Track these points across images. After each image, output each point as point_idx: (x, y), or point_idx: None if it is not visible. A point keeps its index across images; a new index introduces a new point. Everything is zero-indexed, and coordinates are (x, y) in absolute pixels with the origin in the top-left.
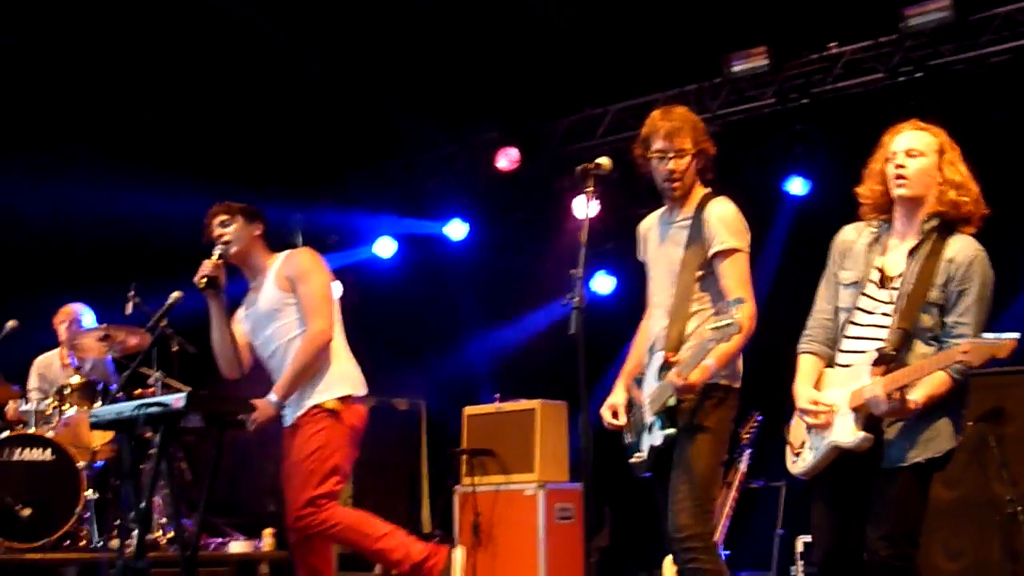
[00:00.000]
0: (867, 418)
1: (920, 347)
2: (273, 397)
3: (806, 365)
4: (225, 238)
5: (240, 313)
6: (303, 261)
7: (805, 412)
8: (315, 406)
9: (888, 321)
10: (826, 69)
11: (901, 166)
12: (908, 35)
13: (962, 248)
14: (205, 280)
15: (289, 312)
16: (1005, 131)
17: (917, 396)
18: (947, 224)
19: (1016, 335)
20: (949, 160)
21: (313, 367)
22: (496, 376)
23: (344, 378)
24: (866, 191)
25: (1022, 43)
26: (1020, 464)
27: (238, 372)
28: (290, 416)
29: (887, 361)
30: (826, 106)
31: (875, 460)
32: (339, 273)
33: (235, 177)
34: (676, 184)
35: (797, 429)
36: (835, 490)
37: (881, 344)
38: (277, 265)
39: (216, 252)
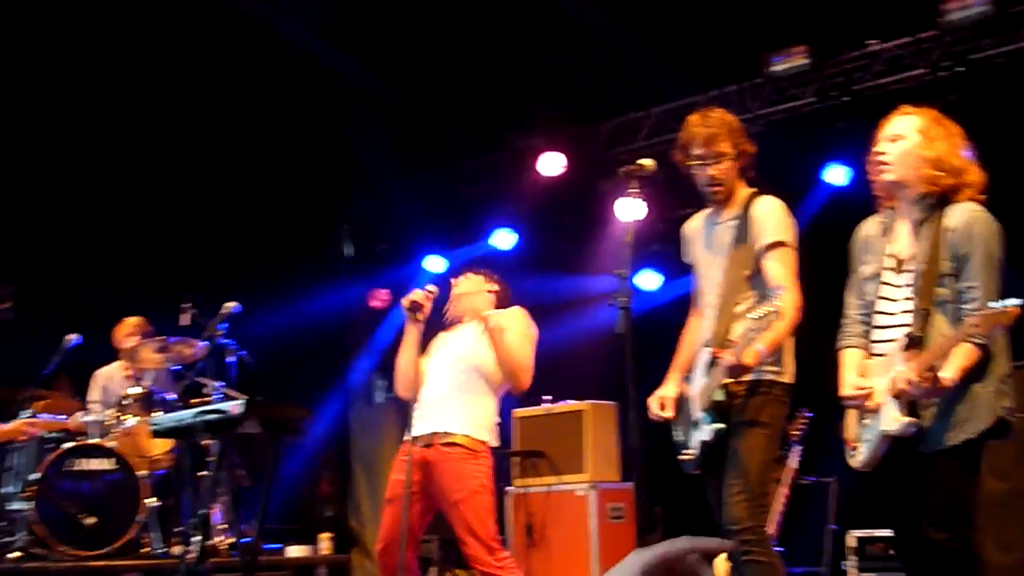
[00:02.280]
0: (908, 404)
1: (941, 321)
2: None
3: (848, 358)
4: (456, 289)
5: (438, 346)
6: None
7: (850, 398)
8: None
9: (911, 304)
10: (866, 66)
11: (880, 152)
12: (948, 30)
13: (958, 215)
14: (410, 303)
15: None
16: None
17: (949, 372)
18: (940, 199)
19: (1019, 301)
20: (929, 138)
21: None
22: (544, 378)
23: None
24: (871, 178)
25: None
26: None
27: (413, 395)
28: None
29: (917, 344)
30: (867, 103)
31: (917, 444)
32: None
33: (291, 191)
34: (718, 189)
35: (850, 425)
36: (895, 478)
37: (908, 328)
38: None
39: (430, 286)
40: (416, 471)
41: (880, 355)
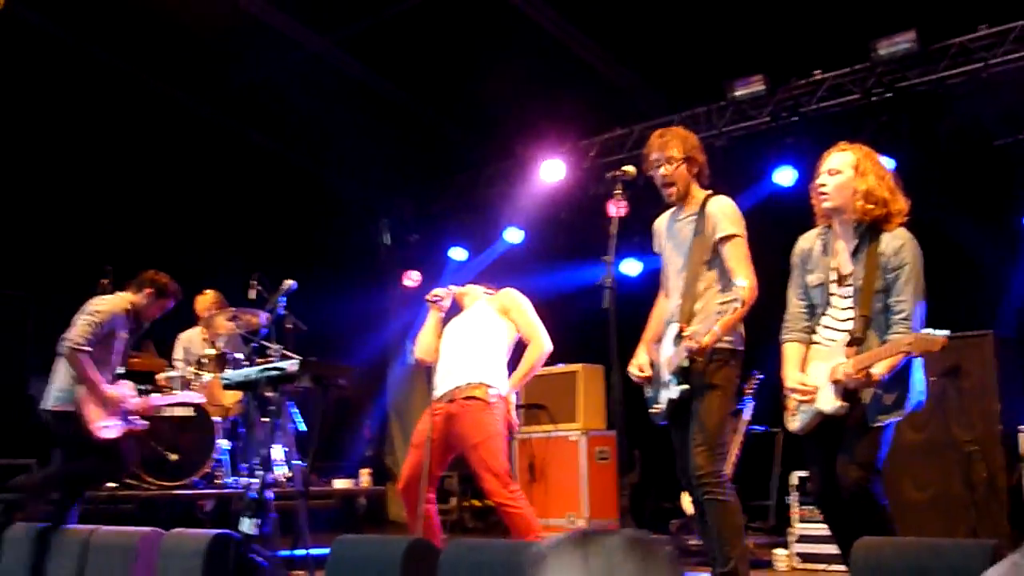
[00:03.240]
0: (843, 390)
1: (876, 326)
2: None
3: (791, 352)
4: (454, 289)
5: (450, 325)
6: (513, 297)
7: (793, 391)
8: None
9: (852, 313)
10: (812, 92)
11: (821, 184)
12: (879, 63)
13: (890, 241)
14: (432, 296)
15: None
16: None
17: (879, 370)
18: (871, 225)
19: (946, 333)
20: (861, 172)
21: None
22: None
23: None
24: (814, 203)
25: (975, 67)
26: (975, 412)
27: (430, 360)
28: None
29: (857, 342)
30: (813, 122)
31: (848, 421)
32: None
33: (342, 190)
34: (669, 188)
35: (791, 397)
36: (822, 443)
37: (849, 328)
38: (487, 298)
39: (451, 286)
40: (439, 424)
41: (825, 345)
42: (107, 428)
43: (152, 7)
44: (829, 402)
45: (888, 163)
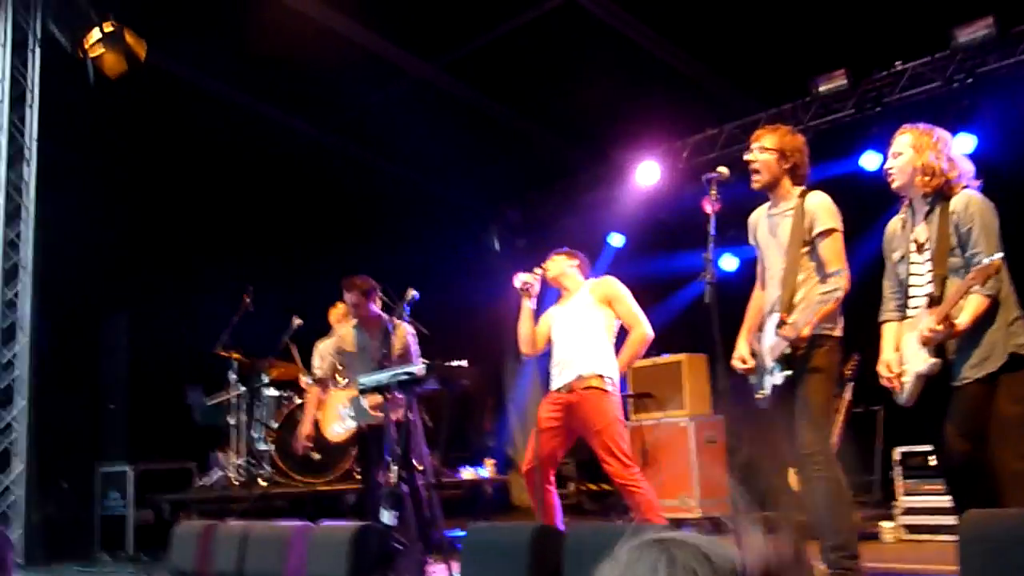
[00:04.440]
0: (935, 348)
1: (955, 282)
2: None
3: (886, 333)
4: (542, 271)
5: (550, 313)
6: (614, 287)
7: (881, 376)
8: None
9: (931, 276)
10: (894, 82)
11: (888, 168)
12: (959, 50)
13: (958, 200)
14: (522, 284)
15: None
16: None
17: (963, 319)
18: (937, 194)
19: (999, 255)
20: (918, 149)
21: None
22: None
23: None
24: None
25: None
26: None
27: (533, 351)
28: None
29: (936, 302)
30: (896, 112)
31: (948, 379)
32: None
33: (455, 203)
34: (754, 173)
35: (882, 377)
36: (934, 415)
37: (930, 292)
38: (588, 287)
39: (537, 270)
40: (560, 412)
41: (913, 316)
42: (338, 431)
43: (272, 47)
44: (923, 362)
45: (968, 140)
